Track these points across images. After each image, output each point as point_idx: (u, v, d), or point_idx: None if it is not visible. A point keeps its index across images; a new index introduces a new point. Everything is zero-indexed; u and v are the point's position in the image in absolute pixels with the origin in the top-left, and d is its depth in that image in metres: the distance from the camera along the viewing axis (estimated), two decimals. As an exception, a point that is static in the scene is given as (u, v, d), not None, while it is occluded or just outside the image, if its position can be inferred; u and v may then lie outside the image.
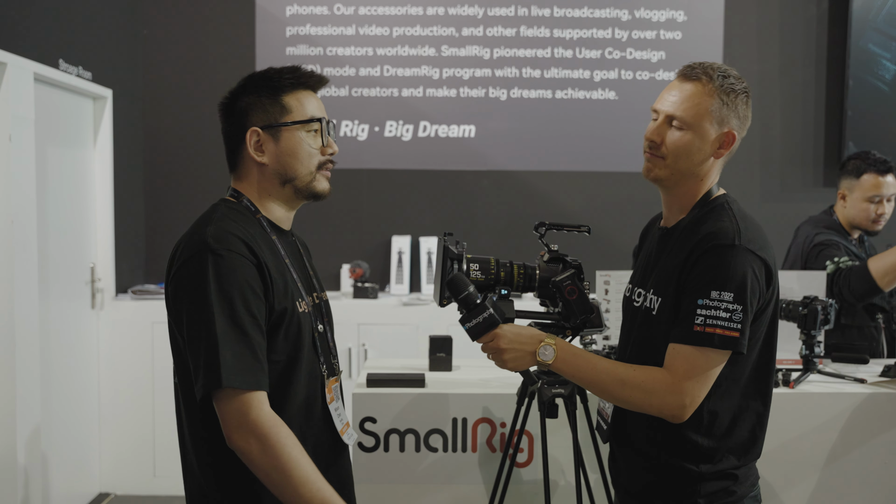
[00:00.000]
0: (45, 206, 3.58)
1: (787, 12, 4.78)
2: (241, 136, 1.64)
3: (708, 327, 1.60)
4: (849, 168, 3.16)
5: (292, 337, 1.58)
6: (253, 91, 1.64)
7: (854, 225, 3.16)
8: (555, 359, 1.70)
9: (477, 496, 2.50)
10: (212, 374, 1.44)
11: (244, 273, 1.50)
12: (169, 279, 1.56)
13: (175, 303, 1.53)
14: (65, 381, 3.82)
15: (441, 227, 4.63)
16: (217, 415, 1.48)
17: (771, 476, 2.51)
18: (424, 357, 2.88)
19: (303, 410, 1.61)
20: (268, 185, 1.65)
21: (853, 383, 2.63)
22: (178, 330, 1.54)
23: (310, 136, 1.65)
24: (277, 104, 1.63)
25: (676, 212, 1.80)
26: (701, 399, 1.64)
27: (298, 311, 1.60)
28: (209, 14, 4.66)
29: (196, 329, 1.47)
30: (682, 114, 1.71)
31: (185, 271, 1.51)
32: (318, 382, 1.65)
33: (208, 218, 1.58)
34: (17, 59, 3.22)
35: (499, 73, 4.71)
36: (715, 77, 1.71)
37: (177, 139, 4.69)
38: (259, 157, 1.63)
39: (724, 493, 1.71)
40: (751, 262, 1.62)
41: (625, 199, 4.70)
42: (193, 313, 1.48)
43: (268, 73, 1.66)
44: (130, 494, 4.23)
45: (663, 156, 1.74)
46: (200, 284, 1.47)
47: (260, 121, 1.62)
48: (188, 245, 1.54)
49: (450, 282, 1.73)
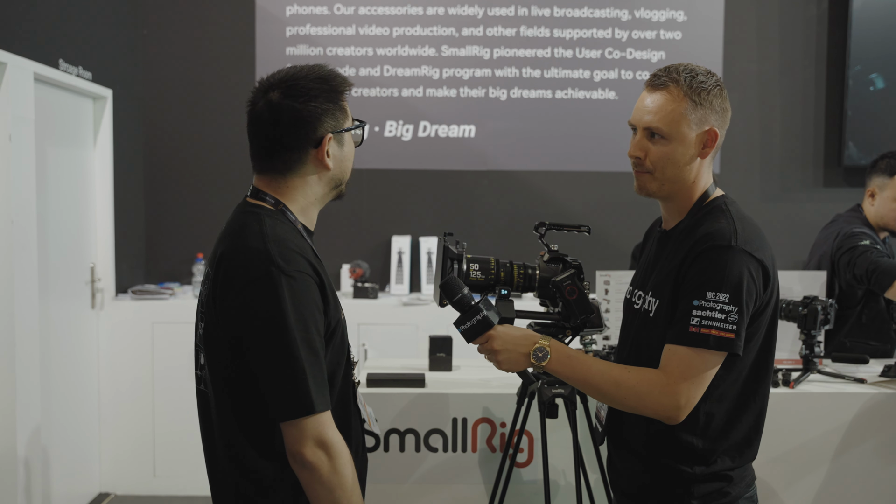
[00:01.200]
0: (45, 206, 3.58)
1: (787, 12, 4.78)
2: (307, 142, 1.60)
3: (703, 328, 1.60)
4: (881, 166, 3.13)
5: (338, 345, 1.62)
6: (322, 96, 1.61)
7: (882, 225, 3.13)
8: (549, 360, 1.70)
9: (477, 496, 2.50)
10: (300, 401, 1.47)
11: (313, 294, 1.53)
12: (228, 296, 1.52)
13: (244, 322, 1.50)
14: (65, 381, 3.82)
15: (441, 227, 4.63)
16: (283, 431, 1.50)
17: (770, 476, 2.51)
18: (424, 357, 2.88)
19: (346, 409, 1.66)
20: (321, 190, 1.66)
21: (853, 383, 2.63)
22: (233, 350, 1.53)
23: (352, 138, 1.70)
24: (341, 109, 1.64)
25: (675, 215, 1.79)
26: (696, 400, 1.64)
27: (343, 319, 1.66)
28: (209, 14, 4.66)
29: (276, 355, 1.48)
30: (659, 124, 1.70)
31: (256, 293, 1.49)
32: (349, 384, 1.70)
33: (259, 231, 1.54)
34: (17, 59, 3.22)
35: (499, 73, 4.71)
36: (682, 80, 1.69)
37: (177, 139, 4.69)
38: (329, 163, 1.63)
39: (717, 495, 1.70)
40: (747, 263, 1.62)
41: (625, 199, 4.69)
42: (273, 339, 1.48)
43: (328, 77, 1.64)
44: (130, 494, 4.23)
45: (650, 170, 1.74)
46: (278, 308, 1.47)
47: (331, 127, 1.62)
48: (250, 260, 1.51)
49: (443, 285, 1.73)
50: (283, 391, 1.49)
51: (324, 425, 1.50)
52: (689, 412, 1.64)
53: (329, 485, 1.50)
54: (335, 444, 1.51)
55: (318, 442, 1.49)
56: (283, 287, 1.48)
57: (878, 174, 3.14)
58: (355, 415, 1.70)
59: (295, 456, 1.50)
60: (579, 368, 1.70)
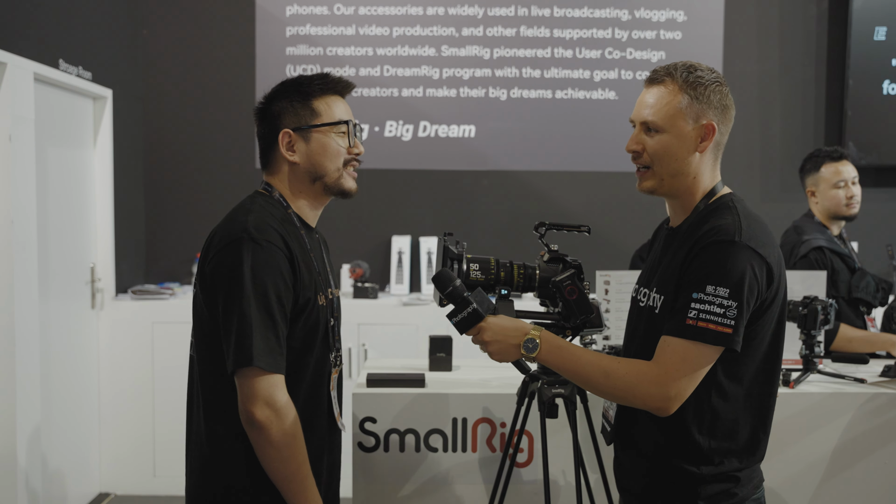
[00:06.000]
0: (45, 206, 3.58)
1: (787, 12, 4.78)
2: (273, 138, 1.79)
3: (701, 321, 1.59)
4: (808, 167, 3.33)
5: (310, 326, 1.73)
6: (285, 96, 1.79)
7: (831, 215, 3.26)
8: (539, 351, 1.71)
9: (477, 496, 2.50)
10: (243, 352, 1.59)
11: (278, 263, 1.65)
12: (207, 260, 1.68)
13: (212, 283, 1.66)
14: (65, 381, 3.82)
15: (441, 227, 4.63)
16: (237, 390, 1.62)
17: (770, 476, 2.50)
18: (424, 357, 2.88)
19: (310, 390, 1.76)
20: (298, 182, 1.80)
21: (853, 383, 2.63)
22: (209, 309, 1.67)
23: (338, 137, 1.80)
24: (308, 108, 1.78)
25: (680, 212, 1.79)
26: (688, 393, 1.63)
27: (318, 303, 1.75)
28: (209, 14, 4.66)
29: (231, 310, 1.61)
30: (653, 117, 1.72)
31: (226, 254, 1.64)
32: (324, 370, 1.80)
33: (248, 208, 1.72)
34: (17, 59, 3.22)
35: (499, 73, 4.71)
36: (678, 75, 1.71)
37: (177, 139, 4.68)
38: (290, 156, 1.78)
39: (725, 496, 1.70)
40: (750, 259, 1.61)
41: (625, 199, 4.70)
42: (230, 294, 1.62)
43: (299, 80, 1.81)
44: (130, 494, 4.23)
45: (648, 165, 1.75)
46: (239, 269, 1.62)
47: (291, 123, 1.78)
48: (229, 230, 1.67)
49: (435, 278, 1.75)
50: (230, 344, 1.61)
51: (274, 387, 1.61)
52: (679, 405, 1.63)
53: (278, 445, 1.61)
54: (284, 407, 1.62)
55: (268, 402, 1.60)
56: (248, 251, 1.62)
57: (808, 174, 3.32)
58: (324, 403, 1.80)
59: (245, 414, 1.61)
60: (569, 359, 1.70)
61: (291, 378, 1.70)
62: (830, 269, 3.08)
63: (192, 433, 1.77)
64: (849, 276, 3.14)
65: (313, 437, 1.76)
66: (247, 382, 1.60)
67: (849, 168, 3.23)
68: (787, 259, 3.18)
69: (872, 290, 3.15)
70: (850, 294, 3.12)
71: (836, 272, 3.11)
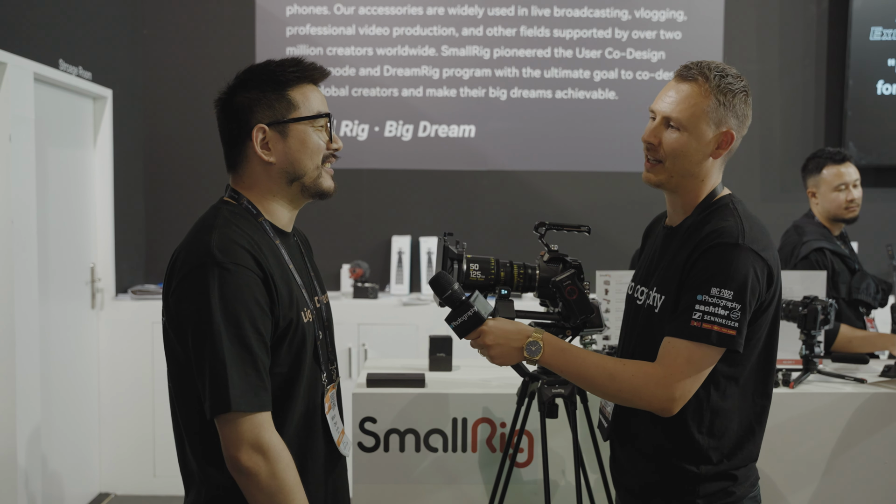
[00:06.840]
0: (45, 206, 3.58)
1: (787, 12, 4.78)
2: (244, 134, 1.55)
3: (706, 323, 1.60)
4: (810, 168, 3.33)
5: (295, 348, 1.54)
6: (255, 86, 1.54)
7: (831, 217, 3.26)
8: (542, 354, 1.69)
9: (477, 496, 2.50)
10: (219, 396, 1.40)
11: (251, 288, 1.44)
12: (171, 289, 1.49)
13: (178, 314, 1.46)
14: (65, 381, 3.82)
15: (441, 227, 4.63)
16: (220, 435, 1.44)
17: (771, 476, 2.51)
18: (424, 357, 2.88)
19: (303, 420, 1.57)
20: (273, 185, 1.57)
21: (853, 383, 2.63)
22: (179, 342, 1.48)
23: (317, 131, 1.58)
24: (283, 99, 1.54)
25: (680, 212, 1.80)
26: (691, 394, 1.64)
27: (303, 321, 1.55)
28: (209, 14, 4.66)
29: (202, 347, 1.42)
30: (678, 115, 1.71)
31: (190, 284, 1.44)
32: (317, 392, 1.61)
33: (210, 224, 1.50)
34: (17, 59, 3.22)
35: (499, 73, 4.71)
36: (712, 77, 1.70)
37: (177, 139, 4.68)
38: (266, 155, 1.55)
39: (722, 494, 1.70)
40: (753, 262, 1.62)
41: (625, 199, 4.70)
42: (199, 330, 1.42)
43: (270, 67, 1.56)
44: (130, 494, 4.23)
45: (661, 159, 1.74)
46: (206, 300, 1.41)
47: (266, 117, 1.54)
48: (192, 254, 1.46)
49: (432, 281, 1.72)
50: (204, 387, 1.42)
51: (260, 427, 1.42)
52: (682, 405, 1.64)
53: (268, 490, 1.42)
54: (273, 448, 1.43)
55: (254, 445, 1.41)
56: (214, 278, 1.41)
57: (809, 175, 3.32)
58: (320, 428, 1.61)
59: (231, 461, 1.43)
60: (573, 361, 1.69)
61: (280, 409, 1.51)
62: (831, 271, 3.07)
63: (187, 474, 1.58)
64: (849, 277, 3.14)
65: (313, 466, 1.58)
66: (228, 427, 1.41)
67: (851, 171, 3.23)
68: (787, 259, 3.18)
69: (872, 291, 3.15)
70: (850, 295, 3.12)
71: (836, 273, 3.10)
